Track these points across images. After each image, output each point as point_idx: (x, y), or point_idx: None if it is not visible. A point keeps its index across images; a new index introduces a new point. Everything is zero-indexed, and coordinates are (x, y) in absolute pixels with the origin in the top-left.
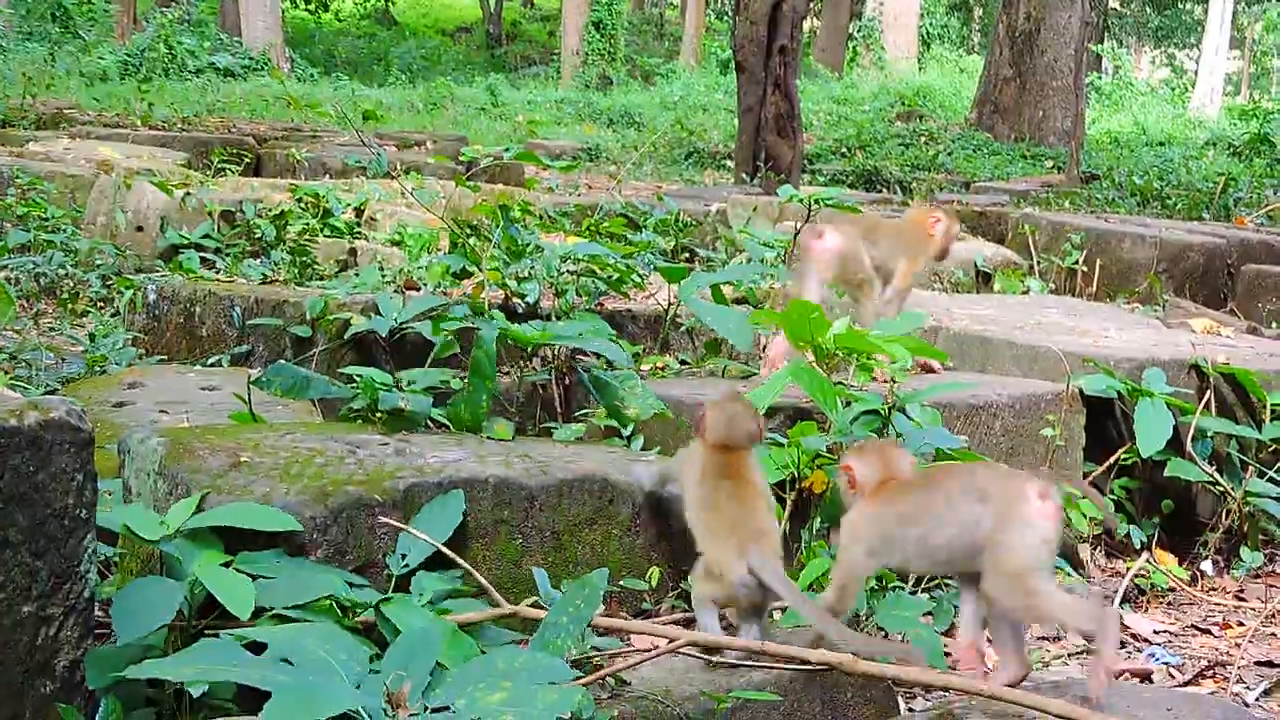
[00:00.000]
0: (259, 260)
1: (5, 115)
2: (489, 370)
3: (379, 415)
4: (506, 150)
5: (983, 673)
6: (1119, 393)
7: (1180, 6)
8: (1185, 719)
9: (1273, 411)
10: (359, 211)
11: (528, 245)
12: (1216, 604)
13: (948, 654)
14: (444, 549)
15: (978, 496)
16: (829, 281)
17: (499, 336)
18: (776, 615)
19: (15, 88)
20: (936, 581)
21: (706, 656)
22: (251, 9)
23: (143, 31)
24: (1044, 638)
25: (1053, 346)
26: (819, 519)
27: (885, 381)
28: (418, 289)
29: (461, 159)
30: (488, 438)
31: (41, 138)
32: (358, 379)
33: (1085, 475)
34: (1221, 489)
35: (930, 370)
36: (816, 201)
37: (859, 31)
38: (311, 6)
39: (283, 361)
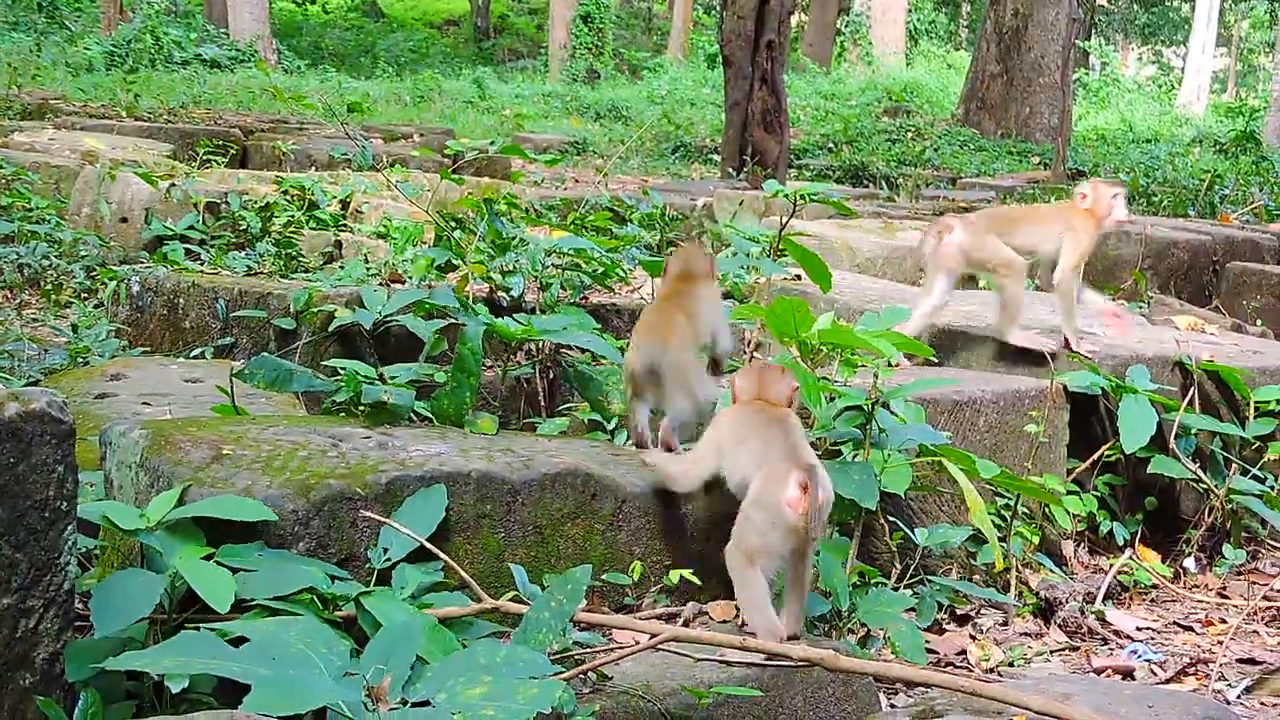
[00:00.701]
0: (244, 252)
1: None
2: (474, 366)
3: (362, 408)
4: (492, 144)
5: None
6: (1103, 389)
7: (1167, 4)
8: (1166, 716)
9: (1256, 409)
10: (344, 204)
11: (513, 239)
12: (1199, 601)
13: (931, 651)
14: (426, 543)
15: (759, 463)
16: (959, 275)
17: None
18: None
19: (0, 78)
20: (919, 578)
21: (688, 653)
22: (238, 0)
23: (129, 22)
24: (1026, 634)
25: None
26: None
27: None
28: (402, 282)
29: (447, 152)
30: (471, 432)
31: (26, 128)
32: (341, 372)
33: (1069, 472)
34: (1205, 486)
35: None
36: (802, 196)
37: (846, 27)
38: None
39: (266, 354)
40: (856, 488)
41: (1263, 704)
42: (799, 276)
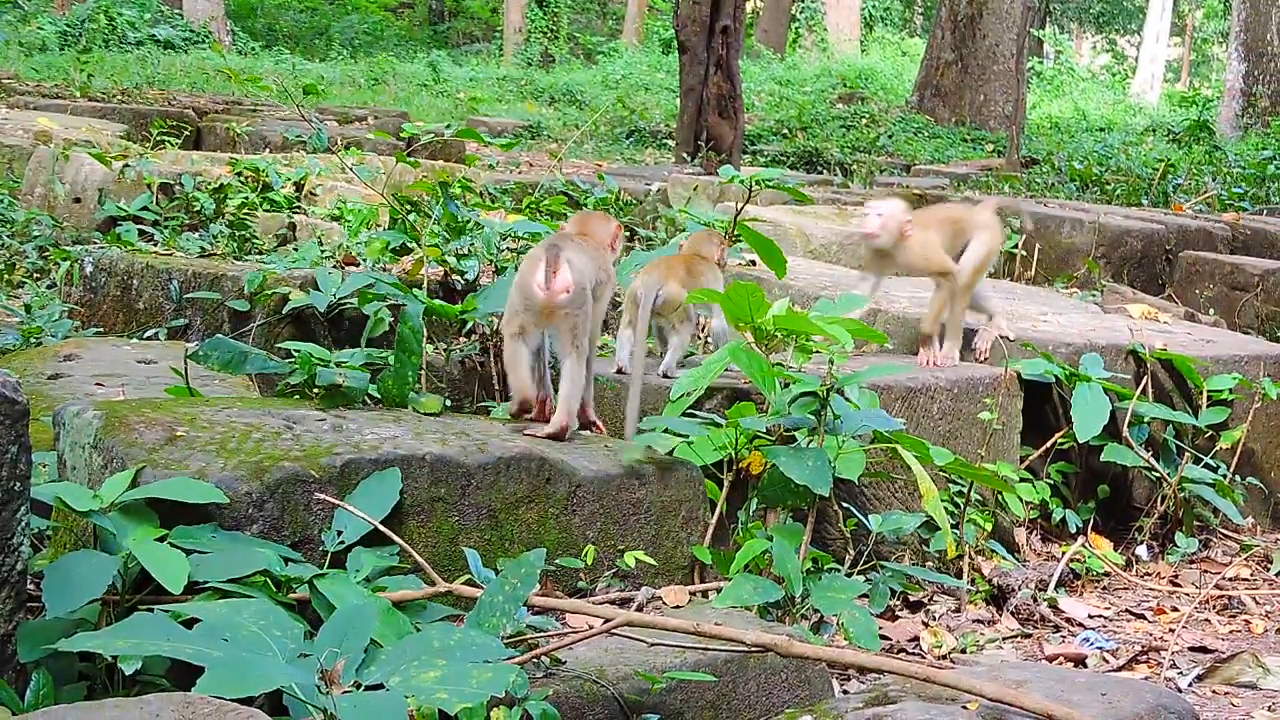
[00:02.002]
0: (197, 234)
1: None
2: (415, 345)
3: (316, 391)
4: (448, 127)
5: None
6: (1056, 377)
7: None
8: (1118, 703)
9: (1209, 398)
10: (299, 186)
11: (467, 222)
12: (1151, 589)
13: (884, 638)
14: (380, 526)
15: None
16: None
17: (428, 311)
18: (712, 596)
19: None
20: (872, 565)
21: (642, 638)
22: None
23: (83, 2)
24: (978, 620)
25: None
26: (755, 500)
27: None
28: (357, 264)
29: (403, 135)
30: (416, 410)
31: None
32: (295, 354)
33: (1022, 459)
34: (1157, 475)
35: None
36: (757, 182)
37: (801, 13)
38: None
39: (221, 336)
40: (811, 474)
41: (1214, 692)
42: (754, 262)
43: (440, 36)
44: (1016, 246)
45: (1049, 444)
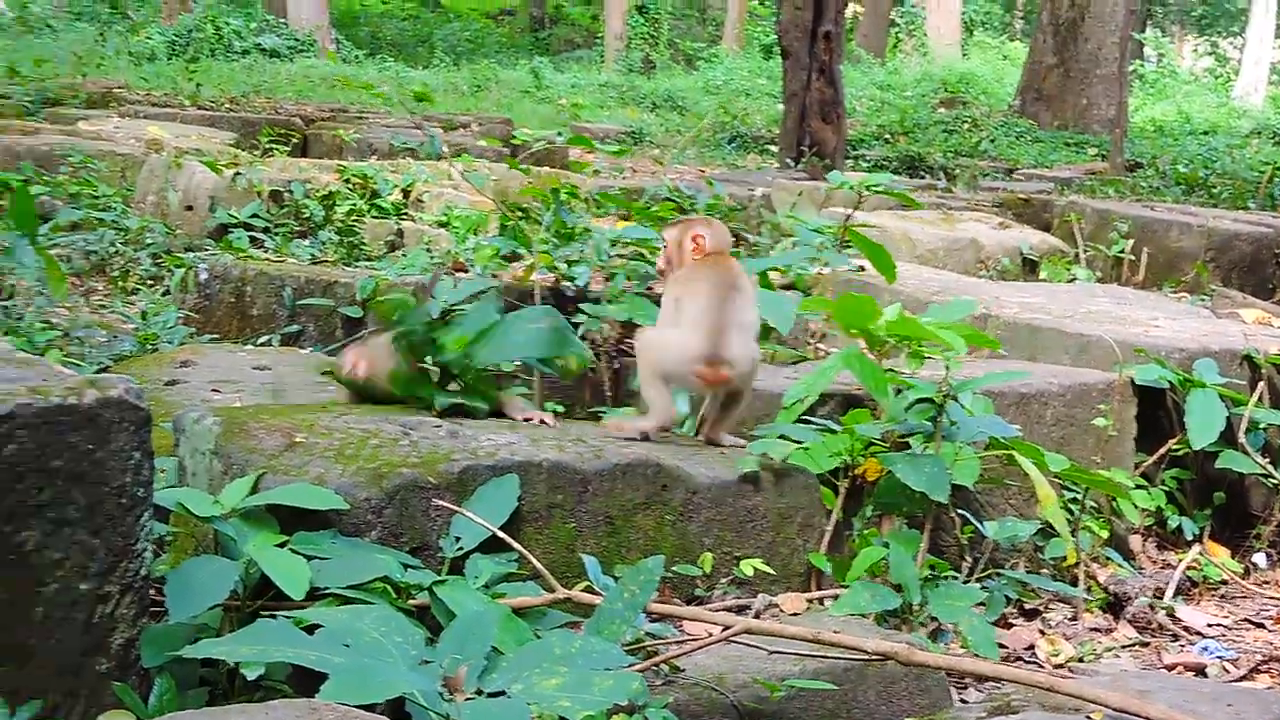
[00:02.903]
0: (307, 240)
1: (56, 94)
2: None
3: None
4: (559, 134)
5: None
6: (1171, 383)
7: None
8: (1246, 713)
9: None
10: (406, 193)
11: (577, 228)
12: (1270, 598)
13: (1000, 646)
14: (498, 532)
15: (698, 312)
16: None
17: None
18: (828, 603)
19: (65, 67)
20: (988, 572)
21: (761, 646)
22: None
23: (190, 12)
24: (1095, 629)
25: (1103, 335)
26: (871, 507)
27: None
28: (466, 270)
29: (513, 141)
30: None
31: (92, 116)
32: None
33: (1136, 466)
34: (1274, 482)
35: None
36: (866, 188)
37: (902, 17)
38: None
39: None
40: (928, 480)
41: None
42: (862, 268)
43: (541, 43)
44: (1124, 251)
45: (1163, 450)
